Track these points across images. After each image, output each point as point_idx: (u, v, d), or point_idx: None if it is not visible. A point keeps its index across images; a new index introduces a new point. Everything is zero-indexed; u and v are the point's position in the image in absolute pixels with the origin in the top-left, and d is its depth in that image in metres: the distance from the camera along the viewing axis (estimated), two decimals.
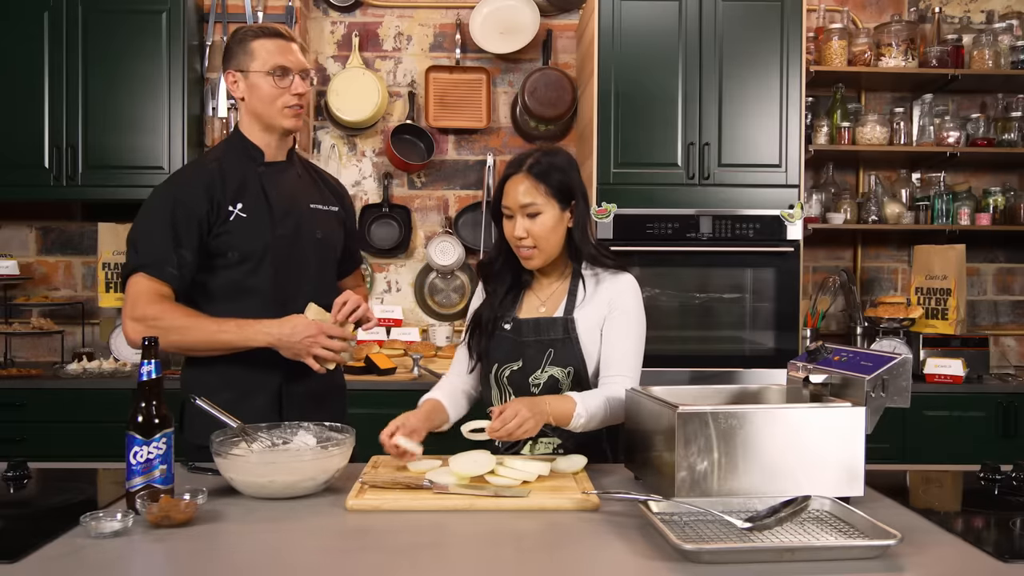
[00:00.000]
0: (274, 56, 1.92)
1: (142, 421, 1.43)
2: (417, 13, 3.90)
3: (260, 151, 1.98)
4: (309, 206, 2.03)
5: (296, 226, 1.98)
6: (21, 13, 3.38)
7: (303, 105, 1.98)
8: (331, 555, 1.29)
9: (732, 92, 3.27)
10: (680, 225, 3.26)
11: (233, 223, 1.91)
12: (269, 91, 1.92)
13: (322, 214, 2.05)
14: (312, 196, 2.05)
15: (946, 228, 3.66)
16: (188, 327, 1.84)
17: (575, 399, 1.72)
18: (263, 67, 1.91)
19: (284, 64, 1.92)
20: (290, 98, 1.93)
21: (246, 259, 1.92)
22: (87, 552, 1.27)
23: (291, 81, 1.92)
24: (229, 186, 1.93)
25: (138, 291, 1.87)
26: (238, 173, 1.95)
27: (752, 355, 3.28)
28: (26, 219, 3.83)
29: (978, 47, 3.64)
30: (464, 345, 1.98)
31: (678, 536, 1.25)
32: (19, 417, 3.20)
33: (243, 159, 1.98)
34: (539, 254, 1.84)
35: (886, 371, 1.52)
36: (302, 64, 1.96)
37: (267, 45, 1.92)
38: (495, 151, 3.88)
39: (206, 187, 1.91)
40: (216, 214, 1.90)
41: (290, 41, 1.96)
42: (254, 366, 1.91)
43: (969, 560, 1.27)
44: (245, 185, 1.95)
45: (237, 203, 1.92)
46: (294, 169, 2.05)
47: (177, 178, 1.99)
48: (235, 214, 1.91)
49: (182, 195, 1.91)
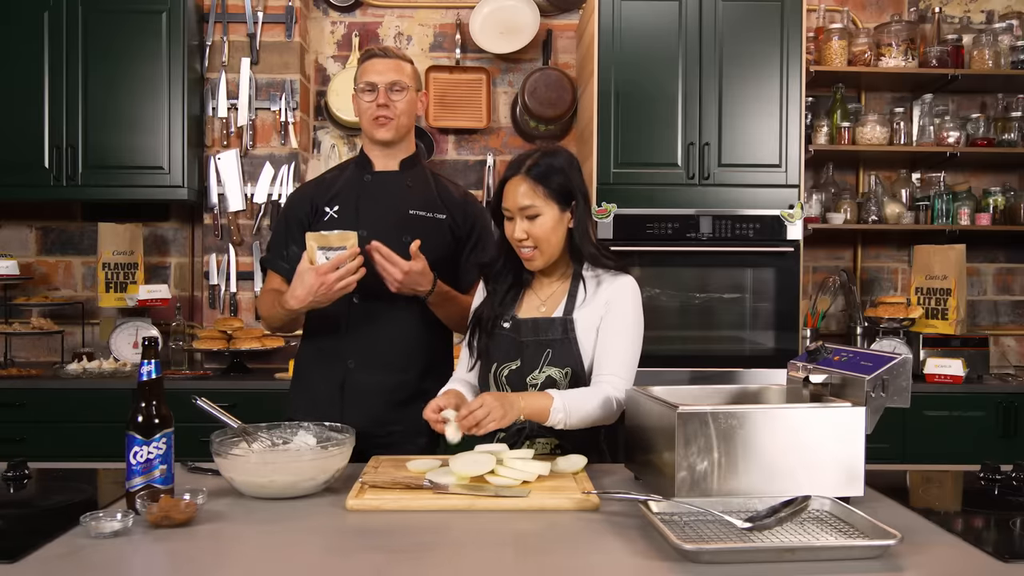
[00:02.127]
0: (366, 73, 2.10)
1: (142, 421, 1.43)
2: (417, 13, 3.90)
3: (370, 162, 2.17)
4: (408, 212, 2.12)
5: (381, 229, 2.06)
6: (21, 13, 3.38)
7: (391, 117, 2.09)
8: (331, 555, 1.29)
9: (732, 92, 3.27)
10: (680, 225, 3.26)
11: (326, 222, 2.10)
12: (362, 105, 2.11)
13: (421, 220, 2.12)
14: (415, 203, 2.14)
15: (946, 228, 3.66)
16: (271, 307, 2.09)
17: (553, 396, 1.72)
18: (358, 85, 2.11)
19: (371, 80, 2.09)
20: (374, 110, 2.08)
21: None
22: (87, 552, 1.27)
23: (375, 95, 2.08)
24: (331, 191, 2.15)
25: (264, 284, 2.24)
26: (344, 182, 2.17)
27: (752, 355, 3.28)
28: (26, 219, 3.84)
29: (978, 47, 3.64)
30: (466, 343, 1.98)
31: (678, 536, 1.25)
32: (19, 417, 3.20)
33: (355, 170, 2.19)
34: (540, 255, 1.84)
35: (886, 371, 1.52)
36: (391, 78, 2.08)
37: (364, 65, 2.12)
38: (495, 151, 3.88)
39: (312, 192, 2.19)
40: (314, 214, 2.14)
41: (384, 58, 2.11)
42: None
43: (969, 560, 1.27)
44: (345, 191, 2.15)
45: (334, 205, 2.13)
46: (405, 178, 2.16)
47: (298, 187, 2.37)
48: (329, 215, 2.12)
49: (294, 199, 2.26)
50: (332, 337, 2.10)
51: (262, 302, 2.20)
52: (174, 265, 3.85)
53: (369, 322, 2.08)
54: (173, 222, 3.86)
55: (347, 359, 2.09)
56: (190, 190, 3.49)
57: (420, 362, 2.12)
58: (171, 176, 3.43)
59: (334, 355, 2.10)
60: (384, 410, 2.07)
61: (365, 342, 2.08)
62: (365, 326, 2.08)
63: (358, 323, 2.08)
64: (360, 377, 2.08)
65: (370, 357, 2.08)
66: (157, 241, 3.84)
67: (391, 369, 2.09)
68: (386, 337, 2.09)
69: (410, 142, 2.20)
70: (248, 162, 3.63)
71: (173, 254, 3.86)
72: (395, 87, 2.09)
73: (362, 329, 2.08)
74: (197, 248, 3.83)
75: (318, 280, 1.89)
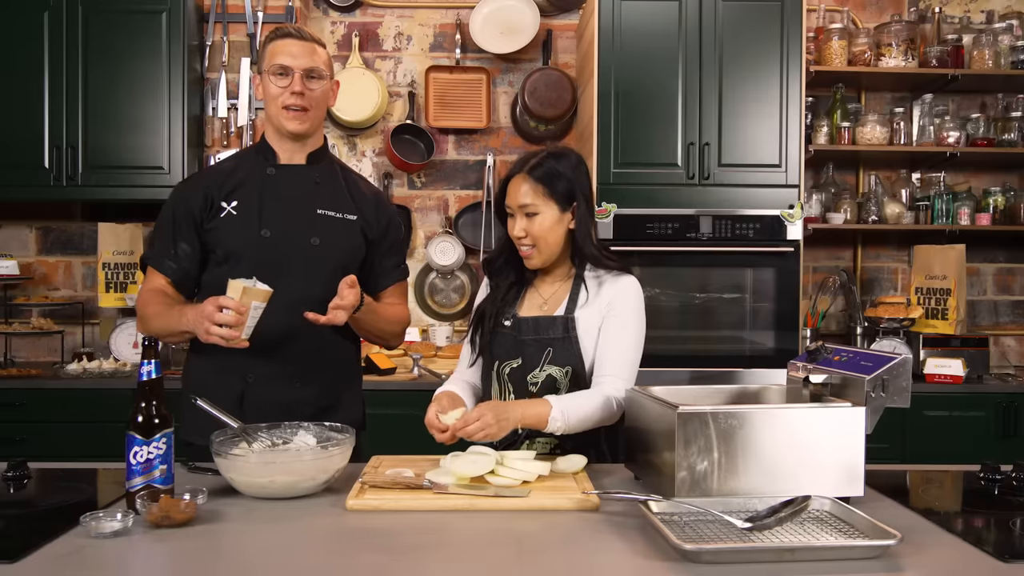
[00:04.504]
0: (277, 55, 1.89)
1: (142, 421, 1.43)
2: (417, 13, 3.90)
3: (274, 153, 1.97)
4: (316, 211, 1.95)
5: (287, 229, 1.91)
6: (21, 13, 3.38)
7: (307, 107, 1.90)
8: (331, 555, 1.29)
9: (732, 92, 3.27)
10: (680, 225, 3.26)
11: (223, 219, 1.91)
12: (271, 90, 1.91)
13: (329, 220, 1.95)
14: (324, 202, 1.96)
15: (946, 228, 3.66)
16: (158, 314, 1.86)
17: (551, 403, 1.72)
18: (268, 67, 1.90)
19: (283, 63, 1.88)
20: (288, 97, 1.88)
21: (229, 257, 1.90)
22: (87, 552, 1.27)
23: (289, 80, 1.88)
24: (229, 184, 1.93)
25: (143, 282, 1.97)
26: (244, 173, 1.96)
27: (752, 355, 3.28)
28: (26, 219, 3.83)
29: (978, 47, 3.64)
30: (467, 340, 1.98)
31: (678, 536, 1.25)
32: (19, 417, 3.20)
33: (257, 160, 1.98)
34: (538, 254, 1.85)
35: (886, 371, 1.52)
36: (307, 63, 1.88)
37: (276, 45, 1.90)
38: (495, 151, 3.88)
39: (206, 183, 1.95)
40: (208, 209, 1.91)
41: (300, 40, 1.90)
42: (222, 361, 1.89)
43: (969, 560, 1.27)
44: (245, 184, 1.94)
45: (232, 200, 1.92)
46: (312, 173, 1.98)
47: (188, 177, 2.03)
48: (227, 211, 1.91)
49: (184, 191, 1.98)
50: (228, 350, 1.75)
51: (144, 304, 1.90)
52: None
53: (267, 335, 1.80)
54: None
55: (246, 373, 1.90)
56: None
57: (323, 378, 1.96)
58: (171, 176, 3.42)
59: (232, 368, 1.89)
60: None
61: (263, 356, 1.86)
62: (263, 340, 1.79)
63: (256, 336, 1.76)
64: (260, 392, 1.90)
65: (269, 372, 1.90)
66: None
67: (291, 385, 1.92)
68: (285, 351, 1.89)
69: (320, 134, 2.02)
70: None
71: None
72: (312, 74, 1.89)
73: (260, 343, 1.78)
74: None
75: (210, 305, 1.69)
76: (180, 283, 1.94)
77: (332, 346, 1.98)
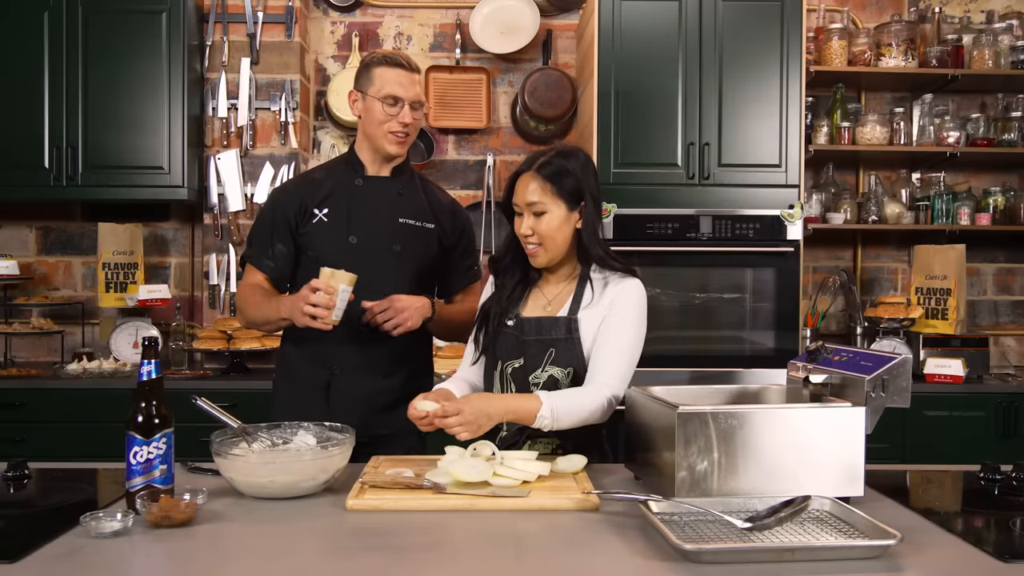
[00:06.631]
0: (389, 84, 2.06)
1: (142, 421, 1.43)
2: (417, 13, 3.90)
3: (363, 165, 2.16)
4: (398, 220, 2.13)
5: (372, 237, 2.09)
6: (21, 13, 3.38)
7: (409, 133, 2.10)
8: (331, 555, 1.29)
9: (732, 92, 3.27)
10: (680, 225, 3.26)
11: (315, 225, 2.10)
12: (379, 115, 2.07)
13: (410, 228, 2.13)
14: (405, 211, 2.14)
15: (946, 228, 3.66)
16: (258, 305, 2.08)
17: (542, 399, 1.71)
18: (378, 93, 2.06)
19: (396, 93, 2.05)
20: (396, 125, 2.06)
21: (319, 260, 2.03)
22: (87, 552, 1.27)
23: (399, 110, 2.06)
24: (321, 192, 2.13)
25: (243, 278, 2.20)
26: (334, 183, 2.15)
27: (752, 355, 3.28)
28: (26, 219, 3.84)
29: (978, 47, 3.64)
30: (472, 338, 1.98)
31: (678, 536, 1.25)
32: (19, 417, 3.20)
33: (346, 171, 2.17)
34: (544, 252, 1.84)
35: (886, 371, 1.52)
36: (415, 95, 2.08)
37: (387, 73, 2.07)
38: (495, 151, 3.88)
39: (300, 190, 2.15)
40: (302, 215, 2.11)
41: (410, 72, 2.09)
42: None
43: (969, 560, 1.27)
44: (335, 194, 2.13)
45: (323, 208, 2.11)
46: (396, 185, 2.16)
47: (283, 184, 2.31)
48: (318, 218, 2.11)
49: (280, 196, 2.20)
50: (317, 343, 2.06)
51: (244, 297, 2.14)
52: (174, 265, 3.85)
53: (352, 330, 2.04)
54: (173, 222, 3.86)
55: (332, 365, 2.10)
56: (190, 190, 3.49)
57: (404, 368, 2.14)
58: (171, 176, 3.43)
59: (319, 360, 2.10)
60: (369, 415, 2.07)
61: (349, 349, 2.08)
62: (348, 334, 2.05)
63: (341, 331, 2.01)
64: (344, 382, 2.10)
65: (354, 364, 2.09)
66: (157, 241, 3.84)
67: (375, 376, 2.10)
68: (369, 345, 2.08)
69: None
70: (248, 162, 3.63)
71: (173, 254, 3.86)
72: (416, 104, 2.09)
73: (345, 337, 2.05)
74: (197, 248, 3.83)
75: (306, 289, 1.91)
76: (277, 280, 2.16)
77: (411, 342, 2.11)
